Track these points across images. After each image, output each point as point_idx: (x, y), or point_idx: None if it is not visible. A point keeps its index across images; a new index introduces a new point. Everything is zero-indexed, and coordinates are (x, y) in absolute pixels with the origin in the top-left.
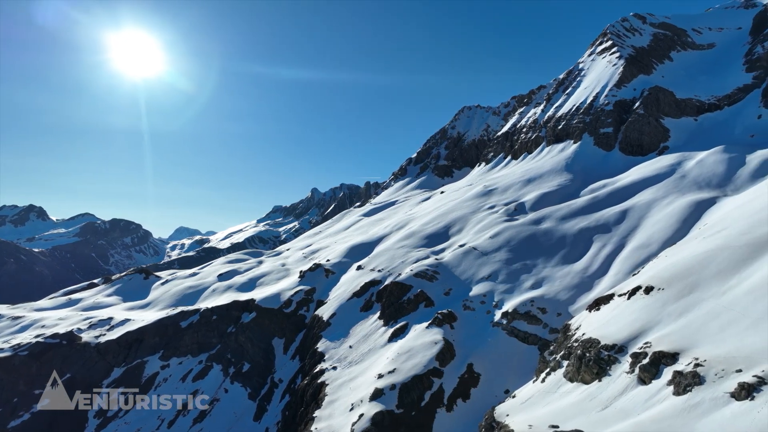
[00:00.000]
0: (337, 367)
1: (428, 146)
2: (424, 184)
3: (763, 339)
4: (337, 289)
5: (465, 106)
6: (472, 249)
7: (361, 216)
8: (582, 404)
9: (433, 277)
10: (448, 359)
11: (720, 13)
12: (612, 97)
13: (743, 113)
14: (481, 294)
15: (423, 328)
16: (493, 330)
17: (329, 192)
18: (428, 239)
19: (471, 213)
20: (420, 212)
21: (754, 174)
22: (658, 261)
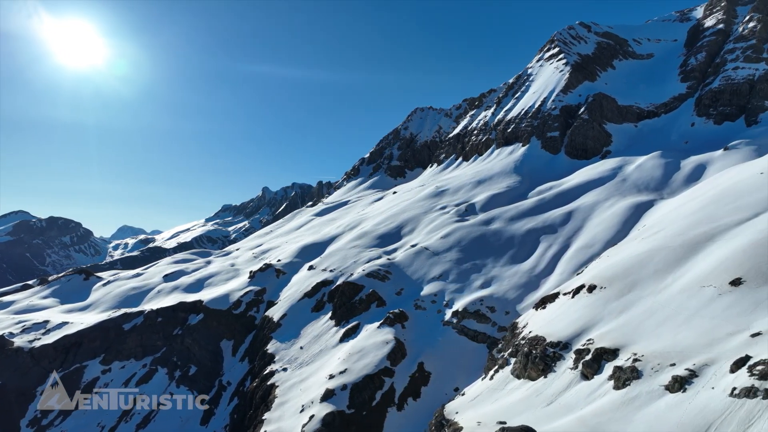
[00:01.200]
0: (288, 368)
1: (381, 146)
2: (376, 184)
3: (695, 334)
4: (288, 290)
5: (417, 107)
6: (424, 249)
7: (314, 216)
8: (528, 400)
9: (385, 277)
10: (399, 358)
11: (658, 26)
12: (559, 102)
13: (678, 121)
14: (433, 293)
15: (375, 328)
16: (443, 329)
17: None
18: (381, 239)
19: (423, 213)
20: (372, 212)
21: (688, 178)
22: (601, 261)
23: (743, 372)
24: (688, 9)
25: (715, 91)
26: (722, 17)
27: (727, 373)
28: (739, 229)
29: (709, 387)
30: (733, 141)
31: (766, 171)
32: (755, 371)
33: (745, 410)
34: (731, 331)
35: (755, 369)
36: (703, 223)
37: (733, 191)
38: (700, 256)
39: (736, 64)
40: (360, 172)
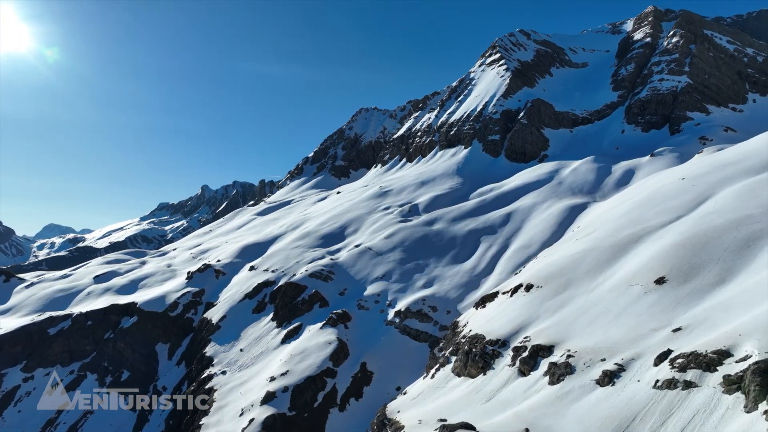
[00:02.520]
0: (227, 371)
1: (325, 146)
2: (320, 183)
3: (623, 330)
4: (228, 291)
5: (362, 107)
6: (368, 249)
7: (255, 215)
8: (468, 397)
9: (328, 277)
10: (342, 359)
11: (592, 36)
12: (499, 107)
13: (610, 128)
14: (376, 293)
15: (317, 329)
16: (386, 329)
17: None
18: (324, 239)
19: (367, 214)
20: (316, 212)
21: (618, 182)
22: (538, 261)
23: (665, 365)
24: (619, 22)
25: (643, 101)
26: (649, 31)
27: (651, 367)
28: (664, 231)
29: (635, 380)
30: (658, 148)
31: (688, 177)
32: (676, 364)
33: (667, 401)
34: (655, 326)
35: (676, 362)
36: (632, 225)
37: (659, 195)
38: (628, 257)
39: (662, 76)
40: (304, 171)
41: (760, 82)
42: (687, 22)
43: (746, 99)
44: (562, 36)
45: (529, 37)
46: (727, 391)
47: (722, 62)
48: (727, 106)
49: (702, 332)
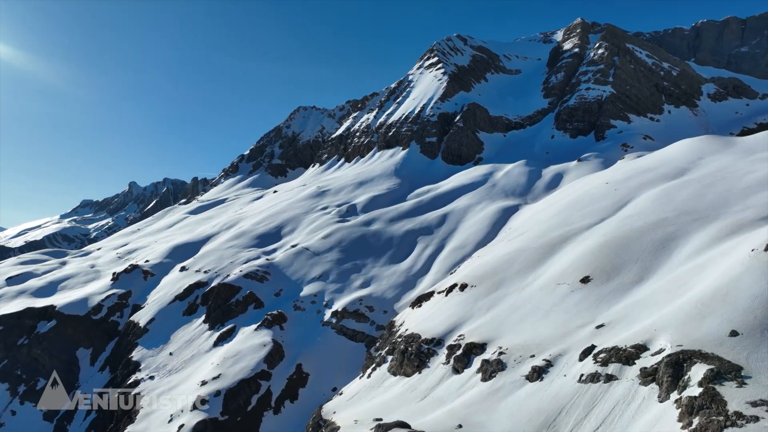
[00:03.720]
0: (155, 376)
1: (262, 144)
2: (256, 182)
3: (552, 327)
4: (157, 292)
5: (301, 106)
6: (305, 249)
7: (187, 213)
8: (404, 396)
9: (263, 278)
10: (277, 361)
11: (525, 44)
12: (437, 110)
13: (541, 133)
14: (312, 294)
15: (252, 331)
16: (323, 329)
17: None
18: (260, 239)
19: (304, 213)
20: (252, 211)
21: (548, 185)
22: (472, 261)
23: (589, 360)
24: (550, 32)
25: (571, 108)
26: (578, 42)
27: (577, 362)
28: (589, 233)
29: (562, 375)
30: (585, 153)
31: (611, 181)
32: (598, 359)
33: (590, 394)
34: (580, 323)
35: (599, 357)
36: (560, 226)
37: (585, 198)
38: (556, 257)
39: (588, 85)
40: (239, 169)
41: (674, 94)
42: (611, 35)
43: (662, 109)
44: (497, 43)
45: (466, 42)
46: (643, 383)
47: (642, 74)
48: (646, 116)
49: (622, 328)
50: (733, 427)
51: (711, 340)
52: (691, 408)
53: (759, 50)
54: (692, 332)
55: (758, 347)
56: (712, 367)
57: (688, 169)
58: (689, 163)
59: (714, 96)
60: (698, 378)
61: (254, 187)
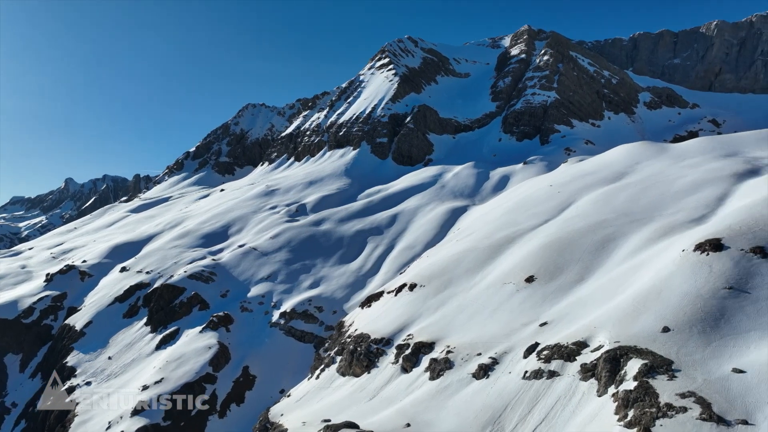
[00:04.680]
0: (92, 382)
1: (209, 141)
2: (203, 180)
3: (498, 326)
4: (96, 294)
5: (249, 103)
6: (252, 249)
7: (129, 212)
8: (353, 396)
9: (209, 279)
10: (222, 363)
11: (474, 49)
12: (387, 110)
13: (489, 136)
14: (260, 295)
15: (196, 333)
16: (270, 330)
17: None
18: (205, 239)
19: (252, 213)
20: (197, 210)
21: (495, 187)
22: (421, 260)
23: (533, 357)
24: (498, 37)
25: (518, 112)
26: (524, 48)
27: (521, 359)
28: (534, 233)
29: (507, 372)
30: (530, 156)
31: (555, 184)
32: (542, 356)
33: (534, 390)
34: (525, 321)
35: (542, 354)
36: (506, 227)
37: (530, 200)
38: (503, 257)
39: (534, 91)
40: (184, 166)
41: (614, 101)
42: (556, 42)
43: (603, 116)
44: (447, 46)
45: (417, 44)
46: (583, 378)
47: (584, 82)
48: (588, 121)
49: (564, 326)
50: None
51: (645, 336)
52: (626, 401)
53: (689, 62)
54: (629, 329)
55: (687, 342)
56: (646, 361)
57: (625, 173)
58: (627, 167)
59: (649, 104)
60: (633, 372)
61: (200, 185)
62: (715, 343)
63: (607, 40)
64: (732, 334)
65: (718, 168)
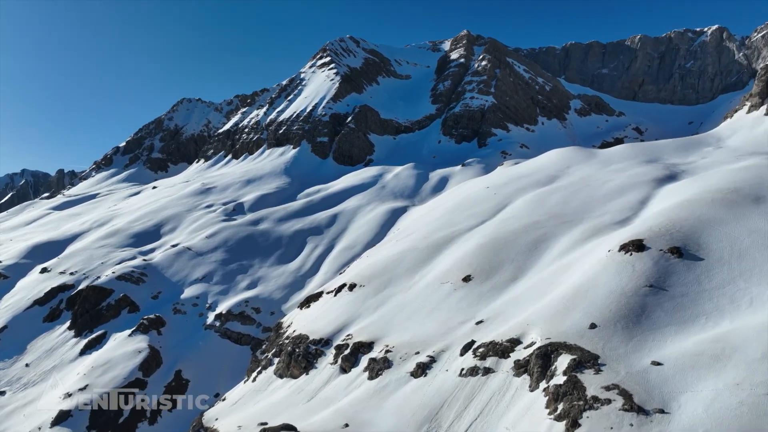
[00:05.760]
0: (7, 391)
1: (140, 136)
2: (134, 177)
3: (436, 325)
4: (12, 297)
5: (185, 97)
6: (187, 249)
7: (51, 209)
8: (291, 398)
9: (140, 280)
10: (153, 368)
11: (415, 51)
12: (329, 110)
13: (429, 137)
14: (194, 296)
15: (125, 337)
16: (205, 333)
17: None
18: (136, 238)
19: (187, 211)
20: (127, 208)
21: (434, 188)
22: (361, 261)
23: (469, 355)
24: (439, 41)
25: (457, 115)
26: (464, 53)
27: (458, 357)
28: (471, 234)
29: (444, 370)
30: (468, 159)
31: (491, 186)
32: (477, 353)
33: (470, 386)
34: (462, 320)
35: (477, 351)
36: (445, 227)
37: (467, 201)
38: (441, 257)
39: (473, 95)
40: (113, 162)
41: (547, 107)
42: (494, 48)
43: (537, 121)
44: (388, 47)
45: (359, 44)
46: (516, 374)
47: (520, 87)
48: (523, 126)
49: (499, 324)
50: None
51: (574, 333)
52: (556, 395)
53: (616, 73)
54: (559, 326)
55: (612, 337)
56: (574, 357)
57: (557, 176)
58: (559, 171)
59: (580, 111)
60: (563, 367)
61: (131, 182)
62: (637, 337)
63: (541, 49)
64: (651, 329)
65: (641, 173)
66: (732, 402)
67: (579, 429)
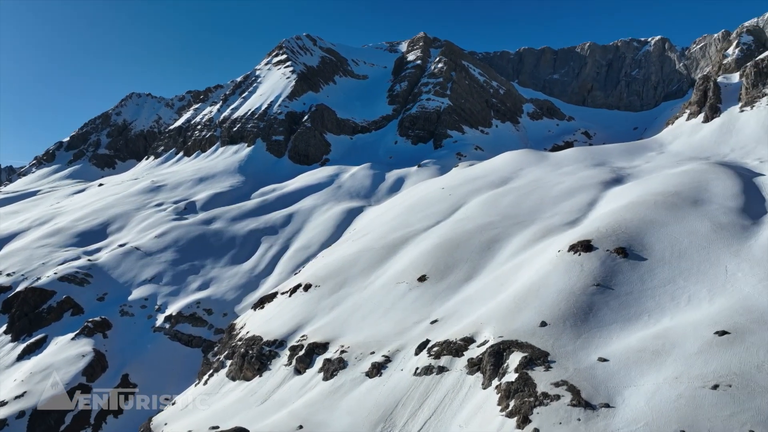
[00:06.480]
0: None
1: (86, 131)
2: (78, 173)
3: (391, 324)
4: None
5: (134, 92)
6: (135, 249)
7: None
8: (243, 401)
9: (84, 281)
10: (98, 372)
11: (372, 52)
12: (284, 108)
13: (386, 138)
14: (143, 297)
15: (68, 340)
16: (154, 335)
17: None
18: (81, 237)
19: (135, 210)
20: (71, 206)
21: (390, 188)
22: (317, 261)
23: (424, 354)
24: (396, 42)
25: (413, 116)
26: (420, 55)
27: (413, 356)
28: (426, 234)
29: (399, 369)
30: (424, 160)
31: (446, 187)
32: (432, 352)
33: (424, 385)
34: (417, 320)
35: (432, 350)
36: (400, 228)
37: (423, 202)
38: (397, 257)
39: (429, 96)
40: (56, 158)
41: (501, 110)
42: (450, 51)
43: (491, 123)
44: (346, 47)
45: (315, 43)
46: (470, 372)
47: (475, 90)
48: (478, 128)
49: (453, 323)
50: (541, 406)
51: (526, 331)
52: (508, 392)
53: (567, 78)
54: (511, 324)
55: (561, 335)
56: (526, 354)
57: (510, 178)
58: (512, 173)
59: (532, 115)
60: (515, 365)
61: (75, 178)
62: (585, 335)
63: (495, 53)
64: (598, 326)
65: (590, 176)
66: (671, 395)
67: (529, 425)
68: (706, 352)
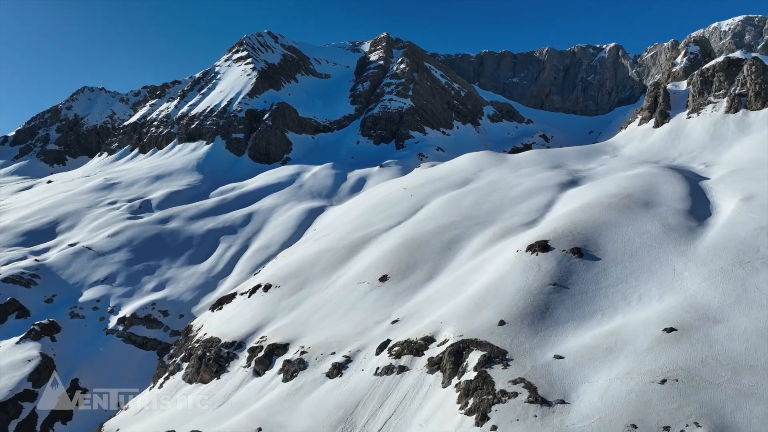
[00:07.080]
0: None
1: (34, 125)
2: (24, 170)
3: (352, 324)
4: None
5: (86, 86)
6: (86, 249)
7: None
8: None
9: (30, 282)
10: (45, 377)
11: (335, 51)
12: (245, 105)
13: (347, 138)
14: (95, 299)
15: (12, 344)
16: (106, 338)
17: None
18: (27, 236)
19: (87, 208)
20: (17, 203)
21: (352, 188)
22: (277, 261)
23: (385, 354)
24: (358, 42)
25: (375, 117)
26: (383, 55)
27: (374, 356)
28: (388, 234)
29: (359, 369)
30: (386, 160)
31: (408, 187)
32: (392, 352)
33: (385, 385)
34: (378, 319)
35: (393, 350)
36: (362, 228)
37: (385, 202)
38: (358, 257)
39: (391, 97)
40: (1, 153)
41: (462, 112)
42: (412, 52)
43: (452, 125)
44: (308, 45)
45: (277, 40)
46: (430, 371)
47: (436, 92)
48: (439, 129)
49: (414, 322)
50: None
51: (485, 330)
52: (467, 390)
53: (526, 82)
54: (471, 323)
55: (519, 334)
56: (485, 353)
57: (471, 179)
58: (472, 174)
59: (492, 117)
60: (474, 363)
61: (21, 175)
62: (541, 333)
63: (457, 55)
64: (555, 324)
65: (547, 178)
66: (623, 390)
67: (488, 422)
68: (655, 348)
